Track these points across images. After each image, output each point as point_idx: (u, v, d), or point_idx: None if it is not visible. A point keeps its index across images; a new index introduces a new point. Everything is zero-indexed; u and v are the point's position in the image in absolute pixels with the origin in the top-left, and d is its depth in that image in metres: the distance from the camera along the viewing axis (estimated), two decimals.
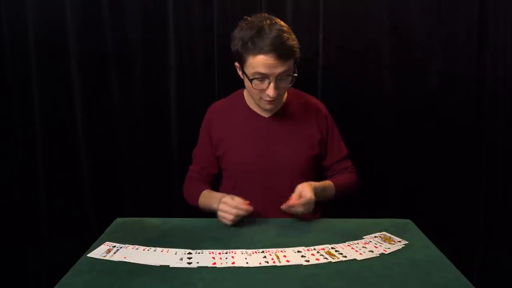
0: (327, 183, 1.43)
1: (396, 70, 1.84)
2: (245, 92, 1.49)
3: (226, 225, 1.26)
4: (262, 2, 1.80)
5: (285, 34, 1.28)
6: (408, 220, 1.33)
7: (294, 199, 1.27)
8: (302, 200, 1.26)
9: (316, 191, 1.31)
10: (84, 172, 1.89)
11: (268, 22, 1.29)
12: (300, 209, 1.27)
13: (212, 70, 1.85)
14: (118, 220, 1.33)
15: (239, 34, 1.32)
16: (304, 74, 1.83)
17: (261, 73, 1.29)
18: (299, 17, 1.80)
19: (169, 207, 1.91)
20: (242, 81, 1.40)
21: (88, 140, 1.87)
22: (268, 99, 1.34)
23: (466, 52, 1.82)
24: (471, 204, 1.91)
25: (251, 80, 1.31)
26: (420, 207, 1.89)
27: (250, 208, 1.27)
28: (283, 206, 1.28)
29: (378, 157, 1.89)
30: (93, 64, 1.84)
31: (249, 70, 1.31)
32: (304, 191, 1.28)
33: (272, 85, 1.30)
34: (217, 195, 1.38)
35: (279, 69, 1.28)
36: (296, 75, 1.34)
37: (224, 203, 1.27)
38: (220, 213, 1.28)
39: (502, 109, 1.83)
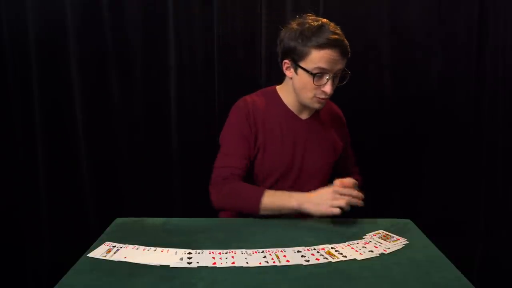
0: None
1: (396, 70, 1.84)
2: (281, 90, 1.46)
3: (331, 212, 1.21)
4: (262, 2, 1.80)
5: (341, 33, 1.32)
6: (408, 220, 1.33)
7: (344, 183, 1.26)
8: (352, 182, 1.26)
9: None
10: (84, 172, 1.89)
11: (324, 20, 1.32)
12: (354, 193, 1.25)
13: (212, 70, 1.85)
14: (118, 220, 1.33)
15: (293, 31, 1.31)
16: None
17: (323, 68, 1.30)
18: None
19: (169, 207, 1.91)
20: (284, 76, 1.41)
21: (88, 140, 1.87)
22: (323, 96, 1.34)
23: (466, 52, 1.83)
24: (471, 204, 1.91)
25: (313, 75, 1.30)
26: (420, 207, 1.89)
27: (361, 195, 1.25)
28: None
29: (378, 157, 1.89)
30: (93, 64, 1.84)
31: (310, 65, 1.30)
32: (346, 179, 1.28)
33: (330, 81, 1.31)
34: (293, 193, 1.28)
35: (339, 66, 1.31)
36: (350, 72, 1.35)
37: (335, 191, 1.22)
38: (333, 202, 1.20)
39: (502, 109, 1.83)
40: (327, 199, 1.22)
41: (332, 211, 1.20)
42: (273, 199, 1.28)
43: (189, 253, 1.09)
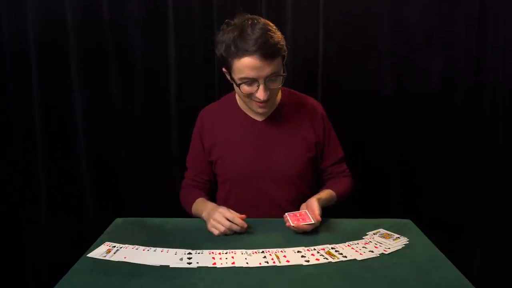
0: (330, 194, 1.39)
1: (396, 70, 1.84)
2: (237, 95, 1.43)
3: (213, 234, 1.22)
4: (262, 2, 1.80)
5: (269, 32, 1.22)
6: (408, 220, 1.33)
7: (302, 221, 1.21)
8: (309, 227, 1.21)
9: (322, 205, 1.29)
10: (84, 172, 1.89)
11: (250, 22, 1.23)
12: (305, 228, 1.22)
13: (212, 69, 1.84)
14: (118, 220, 1.33)
15: (221, 38, 1.26)
16: (304, 74, 1.84)
17: (247, 78, 1.24)
18: (299, 16, 1.80)
19: (169, 207, 1.90)
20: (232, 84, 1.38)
21: (88, 140, 1.87)
22: (259, 102, 1.29)
23: (466, 51, 1.82)
24: (471, 204, 1.91)
25: (239, 86, 1.26)
26: (420, 206, 1.89)
27: (244, 224, 1.22)
28: (293, 226, 1.21)
29: (378, 157, 1.89)
30: (93, 64, 1.84)
31: (236, 75, 1.25)
32: (313, 206, 1.25)
33: (261, 87, 1.24)
34: (209, 204, 1.34)
35: (267, 70, 1.23)
36: (285, 74, 1.29)
37: (220, 213, 1.23)
38: (212, 222, 1.23)
39: (502, 109, 1.83)
40: (210, 218, 1.25)
41: (212, 231, 1.24)
42: (196, 208, 1.39)
43: (189, 253, 1.09)
